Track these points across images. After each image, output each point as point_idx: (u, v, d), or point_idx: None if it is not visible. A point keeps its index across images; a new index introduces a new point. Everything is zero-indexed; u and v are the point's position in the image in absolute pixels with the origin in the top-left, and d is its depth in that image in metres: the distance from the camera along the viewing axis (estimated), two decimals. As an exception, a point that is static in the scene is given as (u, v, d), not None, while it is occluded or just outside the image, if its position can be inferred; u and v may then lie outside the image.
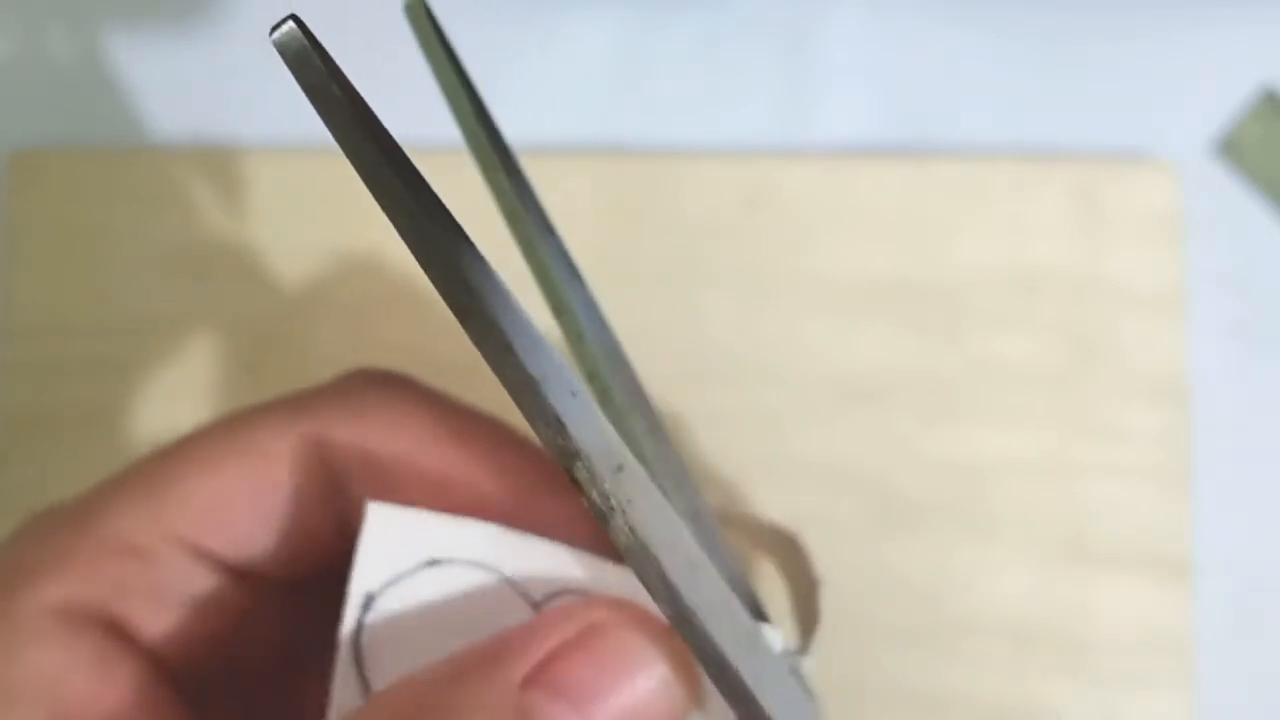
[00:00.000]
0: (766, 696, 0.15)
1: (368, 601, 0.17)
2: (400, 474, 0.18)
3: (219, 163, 0.34)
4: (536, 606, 0.17)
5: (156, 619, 0.18)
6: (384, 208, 0.13)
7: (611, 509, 0.14)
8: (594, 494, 0.14)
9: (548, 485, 0.18)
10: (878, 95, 0.34)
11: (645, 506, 0.14)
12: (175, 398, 0.33)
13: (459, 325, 0.14)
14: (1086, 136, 0.34)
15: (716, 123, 0.34)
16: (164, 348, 0.33)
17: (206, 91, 0.35)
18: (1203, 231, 0.33)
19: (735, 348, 0.33)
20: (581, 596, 0.17)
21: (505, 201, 0.18)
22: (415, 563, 0.17)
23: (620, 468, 0.14)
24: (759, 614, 0.17)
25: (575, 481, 0.14)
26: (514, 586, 0.17)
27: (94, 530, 0.18)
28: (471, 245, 0.13)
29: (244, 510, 0.19)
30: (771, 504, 0.32)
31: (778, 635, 0.17)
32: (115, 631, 0.18)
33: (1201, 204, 0.33)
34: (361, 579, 0.17)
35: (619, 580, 0.17)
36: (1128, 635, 0.31)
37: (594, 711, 0.15)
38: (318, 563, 0.20)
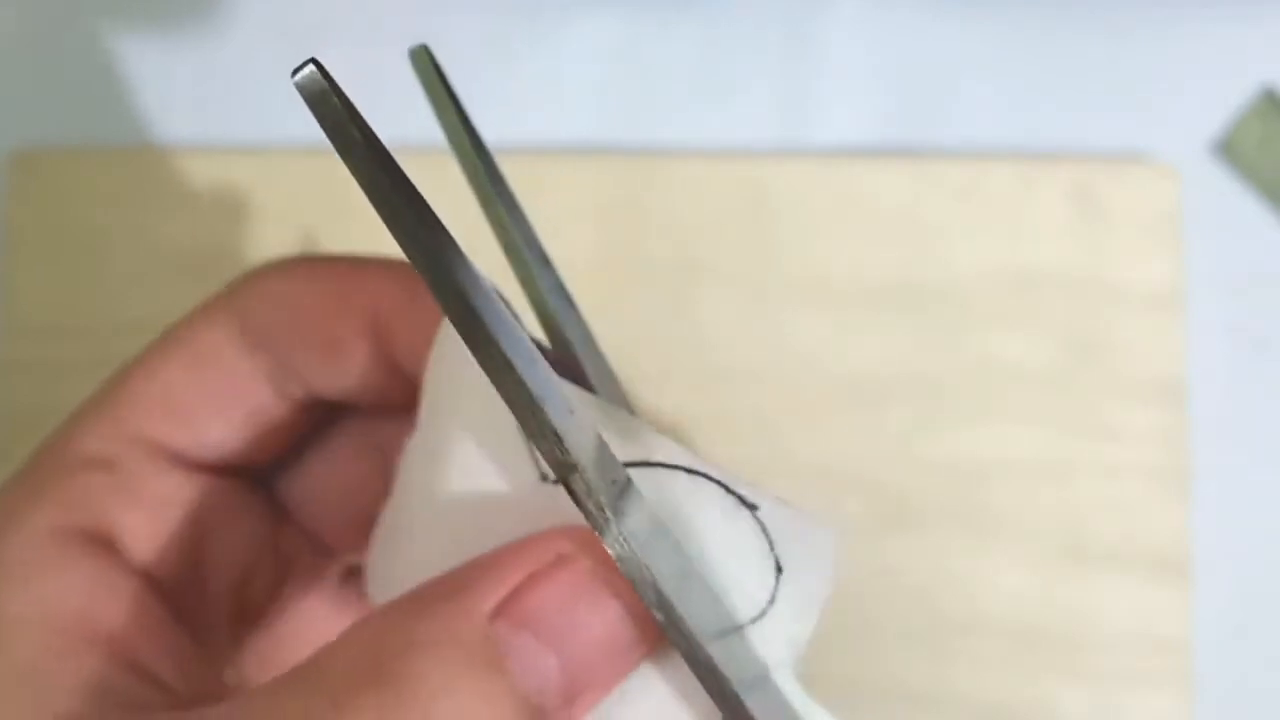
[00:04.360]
0: (753, 700, 0.15)
1: None
2: (324, 325, 0.19)
3: (219, 163, 0.34)
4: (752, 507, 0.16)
5: (137, 528, 0.18)
6: (393, 233, 0.14)
7: (607, 520, 0.15)
8: (590, 505, 0.15)
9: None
10: (878, 95, 0.34)
11: (637, 518, 0.15)
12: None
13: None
14: (1086, 136, 0.34)
15: (716, 123, 0.34)
16: (164, 348, 0.33)
17: (207, 91, 0.35)
18: (1202, 232, 0.33)
19: (735, 348, 0.33)
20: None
21: (504, 235, 0.18)
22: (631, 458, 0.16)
23: (614, 482, 0.15)
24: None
25: (572, 493, 0.15)
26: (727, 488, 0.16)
27: (60, 452, 0.18)
28: (474, 270, 0.14)
29: (194, 400, 0.19)
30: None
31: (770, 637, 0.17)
32: (105, 548, 0.18)
33: (1201, 204, 0.33)
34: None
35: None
36: (1127, 635, 0.31)
37: (560, 644, 0.15)
38: (280, 449, 0.20)
